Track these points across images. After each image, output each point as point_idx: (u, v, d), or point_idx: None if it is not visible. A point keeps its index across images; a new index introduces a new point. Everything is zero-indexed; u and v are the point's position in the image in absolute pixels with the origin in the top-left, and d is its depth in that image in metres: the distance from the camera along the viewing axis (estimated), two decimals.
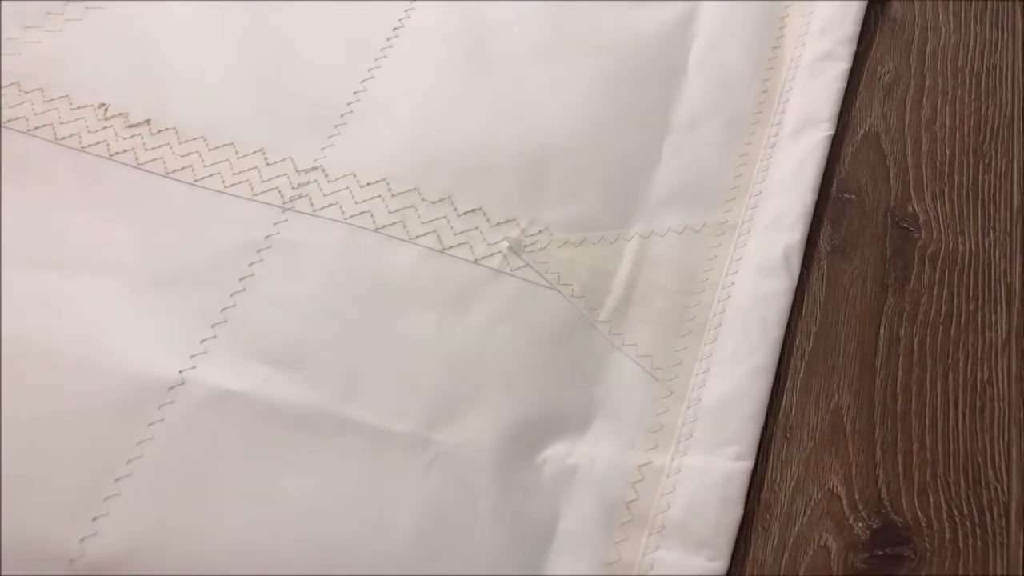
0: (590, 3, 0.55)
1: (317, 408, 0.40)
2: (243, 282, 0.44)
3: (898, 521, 0.38)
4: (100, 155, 0.49)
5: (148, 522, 0.37)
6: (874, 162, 0.48)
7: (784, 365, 0.41)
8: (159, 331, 0.42)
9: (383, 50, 0.53)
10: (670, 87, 0.51)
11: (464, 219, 0.46)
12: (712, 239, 0.46)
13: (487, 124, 0.50)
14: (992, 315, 0.43)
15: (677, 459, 0.39)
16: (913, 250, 0.45)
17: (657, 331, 0.43)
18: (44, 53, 0.54)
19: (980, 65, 0.52)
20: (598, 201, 0.47)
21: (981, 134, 0.49)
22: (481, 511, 0.38)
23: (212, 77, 0.52)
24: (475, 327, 0.43)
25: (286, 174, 0.48)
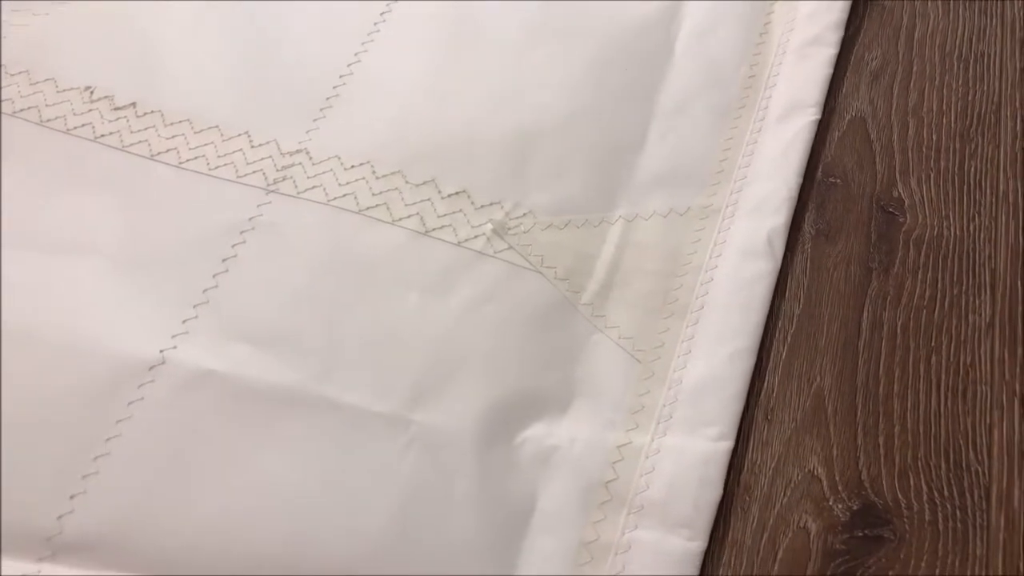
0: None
1: (297, 388, 0.40)
2: (226, 263, 0.44)
3: (878, 503, 0.37)
4: (85, 137, 0.49)
5: (126, 500, 0.37)
6: (860, 147, 0.48)
7: (767, 347, 0.41)
8: (141, 311, 0.42)
9: (370, 34, 0.53)
10: (656, 71, 0.51)
11: (448, 202, 0.46)
12: (696, 223, 0.46)
13: (472, 108, 0.50)
14: (976, 299, 0.43)
15: (657, 440, 0.39)
16: (898, 234, 0.45)
17: (639, 313, 0.43)
18: (31, 36, 0.54)
19: (968, 51, 0.51)
20: (583, 184, 0.47)
21: (968, 120, 0.49)
22: (460, 491, 0.38)
23: (198, 60, 0.52)
24: (457, 309, 0.43)
25: (270, 156, 0.48)
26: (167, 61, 0.52)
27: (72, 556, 0.36)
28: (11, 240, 0.44)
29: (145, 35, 0.54)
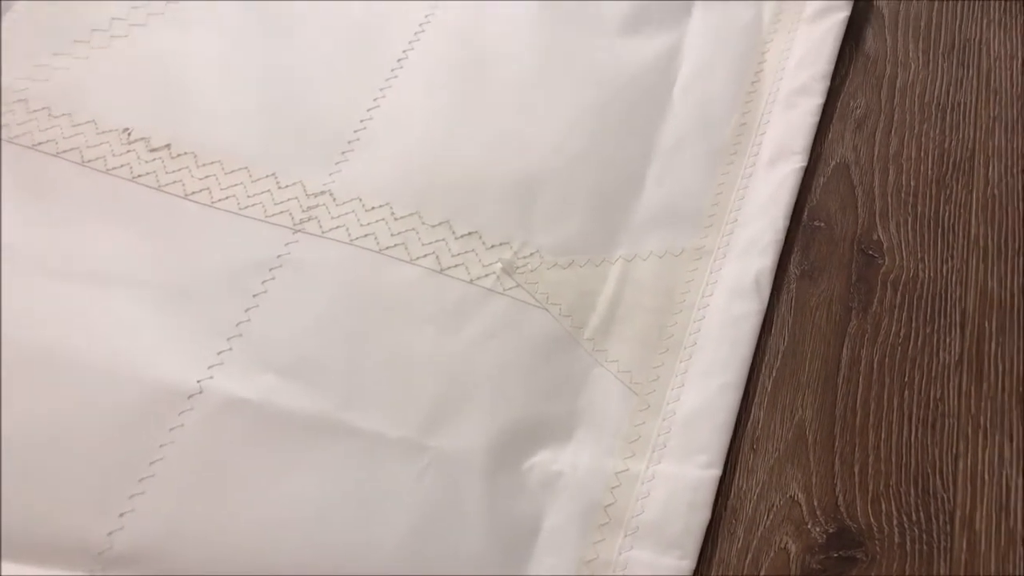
0: (583, 35, 0.59)
1: (321, 415, 0.44)
2: (256, 299, 0.48)
3: (852, 526, 0.41)
4: (124, 177, 0.53)
5: (169, 518, 0.41)
6: (843, 192, 0.52)
7: (753, 381, 0.45)
8: (179, 343, 0.46)
9: (388, 80, 0.57)
10: (655, 117, 0.55)
11: (461, 242, 0.50)
12: (690, 263, 0.50)
13: (484, 152, 0.53)
14: (947, 337, 0.46)
15: (652, 467, 0.43)
16: (876, 275, 0.49)
17: (637, 348, 0.47)
18: (72, 79, 0.58)
19: (946, 100, 0.55)
20: (585, 226, 0.51)
21: (944, 166, 0.52)
22: (471, 512, 0.41)
23: (228, 104, 0.56)
24: (469, 342, 0.46)
25: (296, 198, 0.52)
26: (199, 104, 0.56)
27: (122, 569, 0.40)
28: (58, 273, 0.48)
29: (178, 78, 0.58)
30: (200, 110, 0.56)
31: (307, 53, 0.58)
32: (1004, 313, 0.47)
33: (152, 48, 0.59)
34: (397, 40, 0.59)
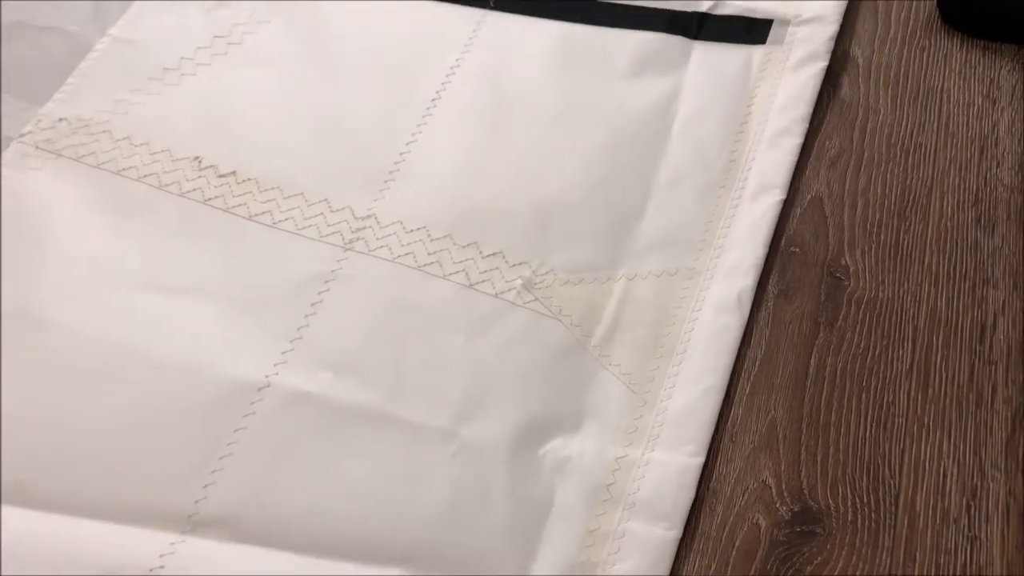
0: (594, 79, 0.68)
1: (370, 407, 0.53)
2: (314, 307, 0.57)
3: (813, 506, 0.50)
4: (196, 200, 0.62)
5: (244, 489, 0.50)
6: (817, 222, 0.60)
7: (733, 384, 0.54)
8: (250, 344, 0.55)
9: (424, 117, 0.66)
10: (656, 153, 0.64)
11: (487, 260, 0.59)
12: (683, 282, 0.58)
13: (507, 182, 0.62)
14: (900, 349, 0.55)
15: (647, 454, 0.51)
16: (843, 295, 0.57)
17: (636, 354, 0.55)
18: (148, 113, 0.67)
19: (909, 142, 0.64)
20: (594, 248, 0.59)
21: (904, 201, 0.61)
22: (494, 489, 0.50)
23: (286, 137, 0.65)
24: (494, 347, 0.55)
25: (346, 220, 0.60)
26: (259, 136, 0.65)
27: (206, 530, 0.49)
28: (148, 285, 0.57)
29: (241, 113, 0.66)
30: (260, 141, 0.65)
31: (353, 92, 0.67)
32: (950, 330, 0.56)
33: (217, 85, 0.68)
34: (431, 82, 0.68)
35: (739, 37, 0.69)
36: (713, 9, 0.70)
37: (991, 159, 0.63)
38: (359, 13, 0.73)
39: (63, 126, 0.66)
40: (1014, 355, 0.54)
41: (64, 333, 0.55)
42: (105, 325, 0.56)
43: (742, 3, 0.71)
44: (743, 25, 0.69)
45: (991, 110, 0.65)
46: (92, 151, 0.65)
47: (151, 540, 0.48)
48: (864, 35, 0.70)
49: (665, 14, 0.70)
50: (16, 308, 0.56)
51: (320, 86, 0.68)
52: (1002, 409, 0.52)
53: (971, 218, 0.60)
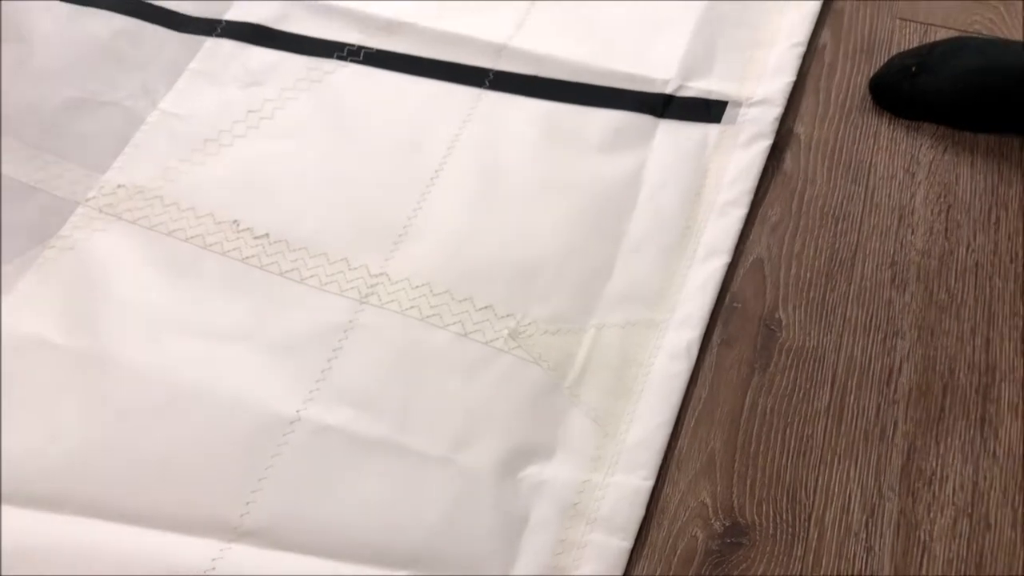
0: (572, 152, 0.80)
1: (383, 438, 0.65)
2: (335, 352, 0.69)
3: (742, 522, 0.62)
4: (236, 259, 0.74)
5: (280, 505, 0.62)
6: (757, 281, 0.72)
7: (681, 419, 0.66)
8: (282, 384, 0.67)
9: (428, 186, 0.78)
10: (623, 219, 0.76)
11: (480, 313, 0.71)
12: (643, 332, 0.70)
13: (497, 244, 0.74)
14: (820, 390, 0.67)
15: (607, 478, 0.63)
16: (775, 345, 0.69)
17: (602, 395, 0.67)
18: (194, 180, 0.79)
19: (840, 211, 0.76)
20: (569, 302, 0.71)
21: (832, 263, 0.73)
22: (484, 507, 0.62)
23: (311, 203, 0.77)
24: (484, 388, 0.67)
25: (362, 277, 0.72)
26: (288, 202, 0.77)
27: (249, 538, 0.61)
28: (194, 331, 0.69)
29: (273, 180, 0.78)
30: (289, 206, 0.77)
31: (369, 162, 0.79)
32: (862, 374, 0.68)
33: (252, 155, 0.81)
34: (435, 153, 0.80)
35: (698, 116, 0.81)
36: (677, 91, 0.82)
37: (907, 226, 0.74)
38: (373, 89, 0.85)
39: (121, 192, 0.78)
40: (914, 396, 0.66)
41: (128, 373, 0.67)
42: (161, 367, 0.68)
43: (702, 86, 0.82)
44: (702, 106, 0.81)
45: (910, 183, 0.77)
46: (146, 214, 0.77)
47: (204, 546, 0.60)
48: (806, 113, 0.82)
49: (636, 95, 0.82)
50: (87, 351, 0.68)
51: (339, 156, 0.80)
52: (900, 441, 0.64)
53: (887, 278, 0.72)
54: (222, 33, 0.89)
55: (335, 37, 0.89)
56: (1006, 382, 0.66)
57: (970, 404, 0.65)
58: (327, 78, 0.86)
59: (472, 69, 0.85)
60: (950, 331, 0.69)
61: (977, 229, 0.74)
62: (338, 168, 0.79)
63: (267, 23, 0.90)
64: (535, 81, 0.84)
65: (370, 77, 0.86)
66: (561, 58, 0.85)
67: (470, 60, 0.86)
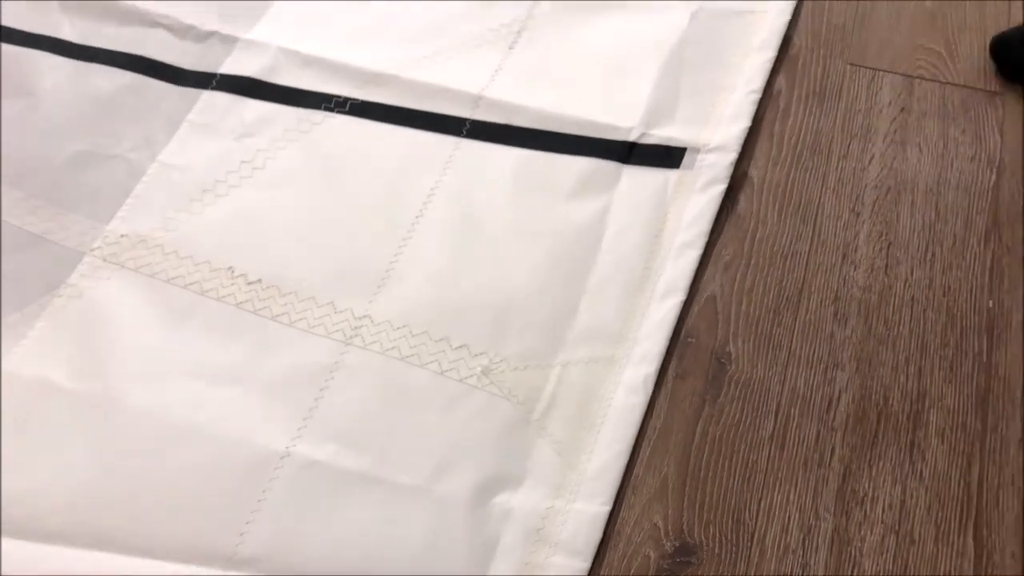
0: (543, 198, 0.86)
1: (366, 471, 0.71)
2: (322, 391, 0.75)
3: (691, 542, 0.68)
4: (231, 304, 0.81)
5: (272, 534, 0.69)
6: (710, 317, 0.79)
7: (637, 448, 0.72)
8: (274, 421, 0.74)
9: (409, 232, 0.84)
10: (588, 262, 0.82)
11: (455, 352, 0.77)
12: (604, 368, 0.77)
13: (471, 287, 0.81)
14: (765, 419, 0.73)
15: (569, 505, 0.70)
16: (725, 377, 0.76)
17: (566, 427, 0.74)
18: (191, 229, 0.86)
19: (788, 249, 0.82)
20: (537, 341, 0.78)
21: (779, 300, 0.79)
22: (458, 532, 0.69)
23: (300, 249, 0.83)
24: (459, 422, 0.74)
25: (347, 320, 0.79)
26: (279, 249, 0.83)
27: (244, 566, 0.68)
28: (193, 373, 0.76)
29: (264, 228, 0.85)
30: (280, 253, 0.83)
31: (354, 210, 0.85)
32: (804, 404, 0.74)
33: (245, 204, 0.87)
34: (415, 200, 0.86)
35: (659, 162, 0.87)
36: (641, 138, 0.89)
37: (850, 263, 0.81)
38: (359, 139, 0.91)
39: (125, 241, 0.85)
40: (851, 423, 0.72)
41: (131, 414, 0.74)
42: (162, 407, 0.75)
43: (663, 133, 0.89)
44: (664, 152, 0.88)
45: (855, 221, 0.83)
46: (148, 263, 0.84)
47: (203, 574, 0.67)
48: (760, 156, 0.88)
49: (603, 143, 0.88)
50: (93, 394, 0.75)
51: (327, 204, 0.86)
52: (837, 465, 0.70)
53: (830, 313, 0.78)
54: (217, 86, 0.96)
55: (324, 89, 0.95)
56: (934, 408, 0.72)
57: (901, 430, 0.71)
58: (316, 129, 0.92)
59: (450, 119, 0.92)
60: (886, 362, 0.75)
61: (914, 265, 0.80)
62: (325, 216, 0.86)
63: (260, 76, 0.96)
64: (509, 130, 0.90)
65: (356, 127, 0.92)
66: (533, 107, 0.91)
67: (449, 110, 0.92)
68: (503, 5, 1.01)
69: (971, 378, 0.74)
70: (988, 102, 0.90)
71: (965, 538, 0.66)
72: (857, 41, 0.96)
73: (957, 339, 0.76)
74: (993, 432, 0.71)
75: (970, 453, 0.70)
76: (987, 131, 0.88)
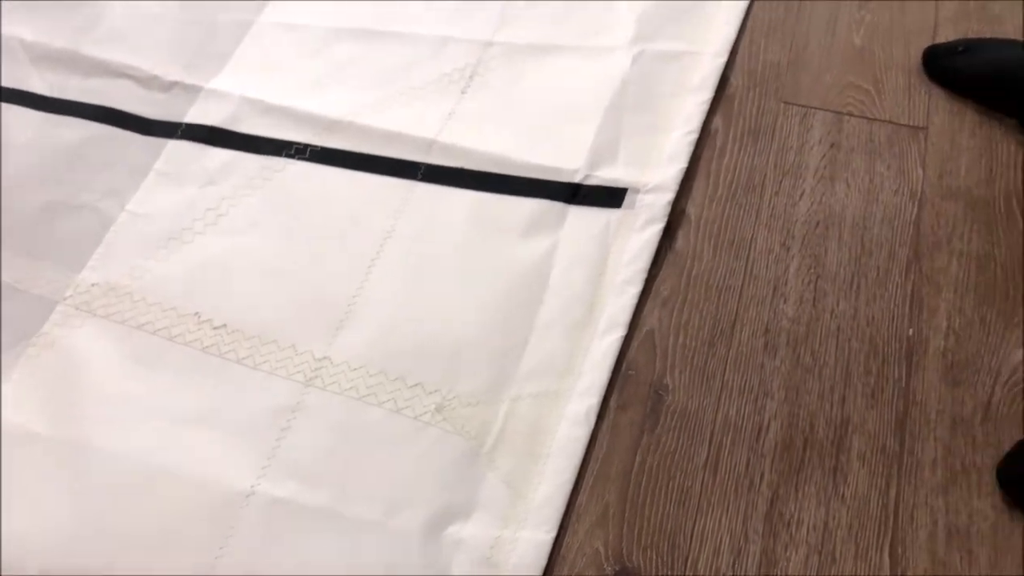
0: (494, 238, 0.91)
1: (326, 507, 0.76)
2: (283, 431, 0.80)
3: (630, 566, 0.73)
4: (197, 349, 0.85)
5: (240, 569, 0.74)
6: (648, 350, 0.84)
7: (580, 478, 0.77)
8: (240, 461, 0.78)
9: (366, 274, 0.89)
10: (536, 300, 0.87)
11: (410, 390, 0.82)
12: (550, 402, 0.82)
13: (426, 328, 0.86)
14: (699, 448, 0.79)
15: (517, 533, 0.75)
16: (663, 407, 0.81)
17: (515, 460, 0.79)
18: (159, 277, 0.90)
19: (722, 284, 0.88)
20: (487, 379, 0.83)
21: (714, 332, 0.85)
22: (412, 563, 0.73)
23: (263, 294, 0.88)
24: (413, 458, 0.78)
25: (307, 361, 0.84)
26: (243, 293, 0.88)
27: None
28: (161, 415, 0.81)
29: (229, 275, 0.90)
30: (243, 298, 0.88)
31: (315, 255, 0.90)
32: (736, 432, 0.79)
33: (210, 251, 0.92)
34: (372, 243, 0.91)
35: (603, 202, 0.92)
36: (585, 180, 0.94)
37: (780, 296, 0.86)
38: (318, 184, 0.96)
39: (95, 290, 0.89)
40: (779, 450, 0.78)
41: (105, 458, 0.79)
42: (136, 450, 0.79)
43: (606, 175, 0.94)
44: (606, 193, 0.93)
45: (785, 256, 0.89)
46: (118, 310, 0.88)
47: None
48: (697, 194, 0.94)
49: (550, 184, 0.94)
50: (68, 440, 0.79)
51: (288, 249, 0.91)
52: (765, 490, 0.76)
53: (761, 344, 0.84)
54: (183, 135, 1.01)
55: (284, 136, 1.00)
56: (857, 434, 0.78)
57: (825, 455, 0.77)
58: (277, 176, 0.97)
59: (406, 163, 0.97)
60: (812, 390, 0.80)
61: (840, 297, 0.86)
62: (287, 260, 0.90)
63: (223, 125, 1.01)
64: (461, 173, 0.96)
65: (316, 173, 0.97)
66: (485, 151, 0.96)
67: (404, 154, 0.98)
68: (456, 49, 1.06)
69: (891, 404, 0.79)
70: (912, 137, 0.96)
71: (882, 556, 0.72)
72: (791, 79, 1.02)
73: (879, 367, 0.81)
74: (910, 454, 0.76)
75: (888, 475, 0.75)
76: (910, 165, 0.94)
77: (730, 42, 1.05)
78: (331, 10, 1.10)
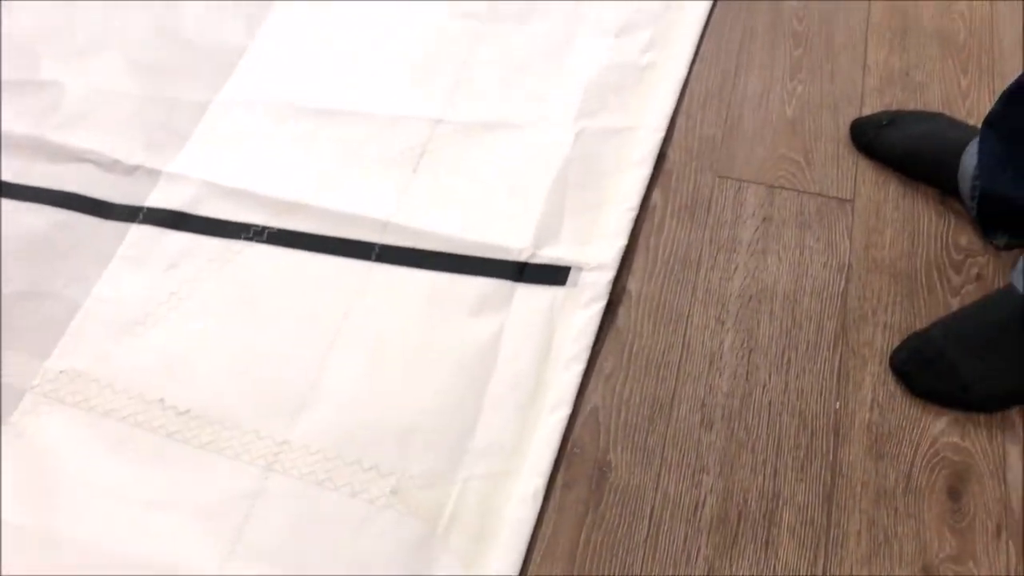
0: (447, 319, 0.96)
1: None
2: (247, 517, 0.84)
3: None
4: (162, 435, 0.89)
5: None
6: (592, 427, 0.89)
7: (529, 556, 0.82)
8: (206, 546, 0.82)
9: (324, 358, 0.93)
10: (485, 380, 0.92)
11: (366, 473, 0.87)
12: (500, 481, 0.86)
13: (381, 409, 0.90)
14: (640, 524, 0.84)
15: None
16: (607, 484, 0.86)
17: (467, 539, 0.83)
18: (124, 363, 0.94)
19: (661, 360, 0.93)
20: (440, 461, 0.87)
21: (653, 408, 0.90)
22: None
23: (225, 379, 0.92)
24: (369, 541, 0.83)
25: (269, 446, 0.88)
26: (206, 378, 0.92)
27: None
28: (128, 501, 0.85)
29: (192, 360, 0.94)
30: (206, 382, 0.92)
31: (274, 338, 0.94)
32: (674, 507, 0.85)
33: (172, 336, 0.96)
34: (330, 326, 0.95)
35: (548, 280, 0.97)
36: (531, 258, 0.99)
37: (716, 371, 0.92)
38: (276, 267, 1.00)
39: (63, 377, 0.93)
40: (715, 524, 0.83)
41: (75, 545, 0.82)
42: (106, 536, 0.83)
43: (551, 253, 0.99)
44: (551, 271, 0.98)
45: (720, 330, 0.94)
46: (85, 397, 0.92)
47: None
48: (637, 269, 0.99)
49: (498, 263, 0.98)
50: (38, 528, 0.83)
51: (248, 333, 0.95)
52: (702, 565, 0.81)
53: (697, 420, 0.89)
54: (144, 219, 1.04)
55: (243, 218, 1.04)
56: (787, 506, 0.83)
57: (758, 528, 0.82)
58: (236, 258, 1.01)
59: (361, 244, 1.01)
60: (746, 464, 0.86)
61: (772, 370, 0.91)
62: (247, 344, 0.95)
63: (183, 208, 1.05)
64: (414, 253, 1.00)
65: (273, 255, 1.01)
66: (434, 231, 1.01)
67: (359, 235, 1.02)
68: (406, 126, 1.11)
69: (819, 476, 0.85)
70: (840, 209, 1.02)
71: None
72: (725, 153, 1.07)
73: (808, 440, 0.87)
74: (836, 527, 0.82)
75: (816, 547, 0.81)
76: (838, 237, 1.00)
77: (667, 116, 1.10)
78: (287, 89, 1.14)
